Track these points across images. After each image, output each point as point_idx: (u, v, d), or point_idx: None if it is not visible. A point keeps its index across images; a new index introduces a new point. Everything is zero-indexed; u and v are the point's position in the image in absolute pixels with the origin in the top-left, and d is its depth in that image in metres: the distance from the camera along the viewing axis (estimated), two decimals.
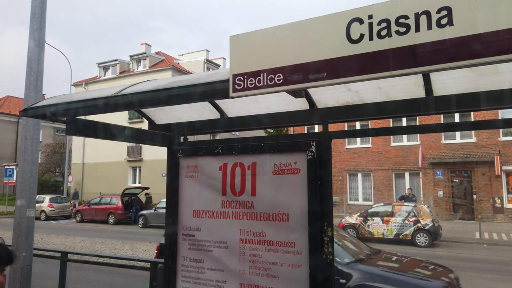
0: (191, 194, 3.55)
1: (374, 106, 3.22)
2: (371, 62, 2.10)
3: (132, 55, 37.31)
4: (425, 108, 3.06)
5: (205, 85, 2.71)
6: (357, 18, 2.16)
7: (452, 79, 2.93)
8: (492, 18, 1.85)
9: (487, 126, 5.13)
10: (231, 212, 3.30)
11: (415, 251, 13.31)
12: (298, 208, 3.00)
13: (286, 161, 3.10)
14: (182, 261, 3.50)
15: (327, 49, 2.24)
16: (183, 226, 3.55)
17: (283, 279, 3.01)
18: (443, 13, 1.95)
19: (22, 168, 5.38)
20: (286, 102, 3.50)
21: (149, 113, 4.19)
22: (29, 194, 5.38)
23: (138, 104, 3.28)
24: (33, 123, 5.38)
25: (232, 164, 3.35)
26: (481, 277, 9.36)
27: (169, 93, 2.83)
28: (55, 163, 41.65)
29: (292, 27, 2.38)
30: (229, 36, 2.57)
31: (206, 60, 39.67)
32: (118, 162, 33.95)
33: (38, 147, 5.59)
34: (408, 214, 14.86)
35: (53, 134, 47.34)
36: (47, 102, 3.53)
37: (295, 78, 2.31)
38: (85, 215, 25.71)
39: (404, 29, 2.03)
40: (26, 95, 5.42)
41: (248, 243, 3.19)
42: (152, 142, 4.22)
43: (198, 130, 4.09)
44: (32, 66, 5.44)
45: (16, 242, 5.29)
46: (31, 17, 5.53)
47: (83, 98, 3.31)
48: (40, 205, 26.39)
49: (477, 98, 2.90)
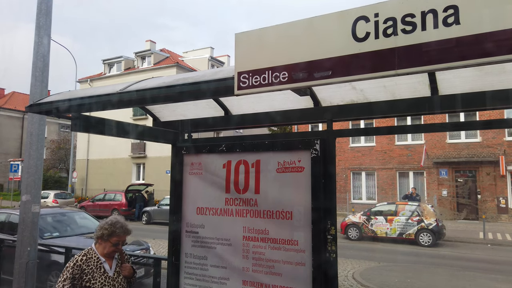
0: (195, 191, 3.56)
1: (379, 105, 3.21)
2: (376, 61, 2.10)
3: (137, 52, 37.35)
4: (431, 107, 3.05)
5: (210, 83, 2.72)
6: (363, 16, 2.15)
7: (458, 78, 2.92)
8: (499, 16, 1.83)
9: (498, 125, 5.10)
10: (235, 210, 3.31)
11: (419, 251, 13.29)
12: (302, 206, 3.01)
13: (290, 159, 3.10)
14: (185, 258, 3.52)
15: (333, 47, 2.23)
16: (186, 223, 3.56)
17: (286, 276, 3.01)
18: (449, 11, 1.93)
19: (27, 163, 5.41)
20: (290, 100, 3.50)
21: (154, 110, 4.20)
22: (34, 189, 5.41)
23: (143, 101, 3.29)
24: (38, 119, 5.41)
25: (236, 161, 3.35)
26: (485, 277, 9.32)
27: (174, 90, 2.84)
28: (60, 159, 41.87)
29: (298, 25, 2.38)
30: (235, 34, 2.57)
31: (211, 57, 39.66)
32: (122, 159, 34.07)
33: (43, 143, 5.62)
34: (412, 214, 14.81)
35: (58, 130, 47.55)
36: (52, 98, 3.55)
37: (300, 76, 2.31)
38: (89, 211, 25.77)
39: (410, 28, 2.02)
40: (32, 91, 5.44)
41: (252, 240, 3.19)
42: (156, 139, 4.24)
43: (203, 128, 4.10)
44: (38, 63, 5.47)
45: (21, 237, 5.32)
46: (37, 13, 5.55)
47: (88, 94, 3.33)
48: (45, 200, 26.52)
49: (483, 98, 2.88)
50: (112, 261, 3.01)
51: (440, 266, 10.68)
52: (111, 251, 2.98)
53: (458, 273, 9.73)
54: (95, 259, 2.92)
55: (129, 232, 3.05)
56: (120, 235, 2.97)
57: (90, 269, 2.86)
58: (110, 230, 2.94)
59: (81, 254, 2.93)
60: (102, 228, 2.96)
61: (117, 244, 2.97)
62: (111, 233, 2.94)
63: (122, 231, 2.98)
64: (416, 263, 11.16)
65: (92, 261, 2.90)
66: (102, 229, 2.96)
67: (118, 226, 2.97)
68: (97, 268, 2.89)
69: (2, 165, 40.97)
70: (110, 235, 2.93)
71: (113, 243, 2.96)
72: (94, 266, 2.88)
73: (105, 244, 2.95)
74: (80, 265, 2.84)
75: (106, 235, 2.94)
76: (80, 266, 2.83)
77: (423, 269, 10.15)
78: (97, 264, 2.90)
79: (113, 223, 2.97)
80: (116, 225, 2.97)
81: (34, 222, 5.40)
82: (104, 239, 2.95)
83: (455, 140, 22.99)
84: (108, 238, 2.94)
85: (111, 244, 2.95)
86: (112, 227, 2.95)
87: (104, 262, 2.94)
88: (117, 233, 2.95)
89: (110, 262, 2.98)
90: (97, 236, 2.99)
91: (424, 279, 9.05)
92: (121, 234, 2.98)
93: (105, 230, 2.95)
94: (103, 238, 2.95)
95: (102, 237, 2.95)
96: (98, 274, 2.87)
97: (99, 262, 2.92)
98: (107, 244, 2.95)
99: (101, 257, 2.94)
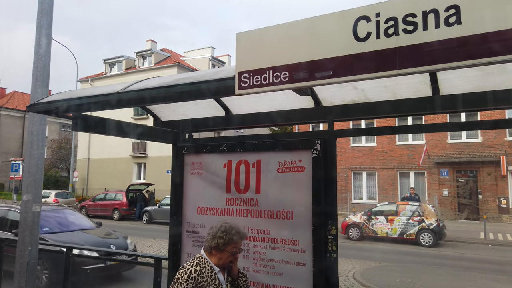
0: (195, 191, 3.56)
1: (380, 105, 3.20)
2: (377, 61, 2.09)
3: (138, 52, 37.38)
4: (432, 107, 3.04)
5: (211, 82, 2.72)
6: (364, 16, 2.14)
7: (459, 78, 2.91)
8: (500, 16, 1.83)
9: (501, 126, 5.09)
10: (235, 210, 3.31)
11: (419, 251, 13.27)
12: (303, 206, 3.00)
13: (291, 159, 3.09)
14: (186, 258, 3.52)
15: (333, 47, 2.23)
16: (187, 222, 3.56)
17: (286, 276, 3.01)
18: (451, 11, 1.93)
19: (28, 163, 5.41)
20: (291, 100, 3.50)
21: (154, 110, 4.20)
22: (35, 189, 5.41)
23: (144, 100, 3.29)
24: (39, 118, 5.41)
25: (236, 161, 3.35)
26: (486, 278, 9.30)
27: (175, 90, 2.84)
28: (61, 158, 41.92)
29: (298, 25, 2.37)
30: (235, 34, 2.57)
31: (212, 57, 39.65)
32: (123, 158, 34.10)
33: (44, 142, 5.62)
34: (413, 214, 14.80)
35: (59, 129, 47.60)
36: (53, 98, 3.55)
37: (301, 76, 2.31)
38: (90, 210, 25.86)
39: (411, 28, 2.02)
40: (32, 91, 5.44)
41: (252, 240, 3.19)
42: (157, 138, 4.24)
43: (203, 127, 4.10)
44: (39, 62, 5.47)
45: (22, 236, 5.33)
46: (38, 13, 5.56)
47: (89, 94, 3.33)
48: (46, 200, 26.56)
49: (484, 98, 2.88)
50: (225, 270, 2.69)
51: (441, 266, 10.67)
52: (229, 262, 2.63)
53: (459, 273, 9.72)
54: (209, 269, 2.59)
55: (245, 236, 2.70)
56: (238, 242, 2.61)
57: (205, 281, 2.55)
58: (227, 238, 2.58)
59: (193, 264, 2.59)
60: (216, 237, 2.60)
61: (235, 253, 2.62)
62: (228, 241, 2.58)
63: (239, 237, 2.61)
64: (416, 263, 11.14)
65: (206, 272, 2.57)
66: (215, 238, 2.60)
67: (234, 233, 2.60)
68: (211, 280, 2.57)
69: (3, 164, 41.02)
70: (227, 244, 2.58)
71: (231, 252, 2.59)
72: (209, 278, 2.57)
73: (221, 255, 2.60)
74: (195, 277, 2.52)
75: (221, 245, 2.58)
76: (195, 278, 2.52)
77: (424, 269, 10.14)
78: (211, 275, 2.58)
79: (227, 229, 2.60)
80: (231, 231, 2.60)
81: (35, 222, 5.40)
82: (219, 249, 2.59)
83: (456, 140, 22.97)
84: (224, 247, 2.58)
85: (228, 254, 2.59)
86: (228, 234, 2.59)
87: (218, 272, 2.62)
88: (234, 241, 2.59)
89: (223, 271, 2.66)
90: (210, 246, 2.62)
91: (425, 279, 9.04)
92: (239, 240, 2.61)
93: (219, 239, 2.58)
94: (218, 248, 2.59)
95: (217, 247, 2.59)
96: (213, 286, 2.57)
97: (213, 272, 2.59)
98: (223, 254, 2.59)
99: (215, 266, 2.62)
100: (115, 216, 24.46)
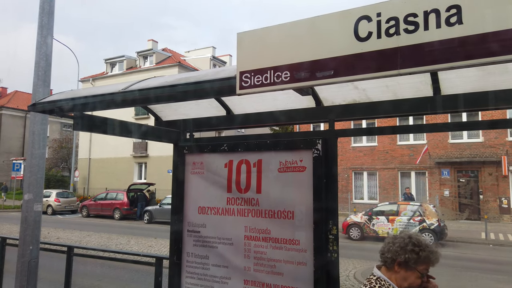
0: (196, 191, 3.56)
1: (381, 105, 3.20)
2: (379, 61, 2.09)
3: (139, 52, 37.42)
4: (433, 107, 3.04)
5: (212, 82, 2.72)
6: (366, 16, 2.14)
7: (460, 78, 2.91)
8: (502, 16, 1.83)
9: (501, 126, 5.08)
10: (236, 209, 3.31)
11: None
12: (303, 206, 3.00)
13: (291, 159, 3.10)
14: (187, 257, 3.52)
15: (335, 47, 2.23)
16: (188, 222, 3.57)
17: (287, 276, 3.01)
18: (452, 11, 1.93)
19: (30, 162, 5.42)
20: (292, 100, 3.50)
21: (155, 110, 4.21)
22: (36, 188, 5.42)
23: (145, 100, 3.29)
24: (40, 118, 5.42)
25: (237, 161, 3.35)
26: (487, 278, 9.30)
27: (176, 89, 2.84)
28: (62, 158, 42.00)
29: (300, 25, 2.37)
30: (237, 33, 2.57)
31: (213, 57, 39.70)
32: (124, 158, 34.15)
33: (46, 142, 5.63)
34: (414, 214, 14.80)
35: (61, 129, 47.68)
36: (55, 97, 3.55)
37: (302, 75, 2.31)
38: (91, 210, 25.91)
39: (412, 28, 2.02)
40: (34, 90, 5.45)
41: (253, 240, 3.19)
42: (158, 138, 4.24)
43: (205, 127, 4.10)
44: (41, 62, 5.48)
45: (23, 236, 5.34)
46: (39, 12, 5.56)
47: (90, 93, 3.33)
48: (47, 199, 26.63)
49: (485, 98, 2.87)
50: None
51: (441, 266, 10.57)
52: (416, 285, 2.08)
53: (460, 273, 9.71)
54: None
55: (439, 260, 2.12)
56: (434, 263, 2.09)
57: None
58: (423, 255, 2.04)
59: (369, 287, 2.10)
60: (406, 250, 2.05)
61: (423, 276, 2.08)
62: (424, 259, 2.04)
63: (436, 258, 2.08)
64: None
65: None
66: (405, 252, 2.05)
67: (431, 250, 2.07)
68: None
69: (5, 164, 41.10)
70: (421, 262, 2.04)
71: (421, 272, 2.07)
72: None
73: (408, 274, 2.06)
74: None
75: (413, 261, 2.04)
76: None
77: None
78: None
79: (421, 243, 2.06)
80: (429, 248, 2.07)
81: (36, 221, 5.41)
82: (408, 267, 2.06)
83: (457, 140, 22.95)
84: (415, 265, 2.05)
85: (417, 275, 2.06)
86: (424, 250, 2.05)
87: None
88: (431, 260, 2.07)
89: None
90: (393, 259, 2.09)
91: None
92: (435, 262, 2.09)
93: (412, 254, 2.04)
94: (408, 264, 2.05)
95: (406, 263, 2.05)
96: None
97: None
98: (412, 274, 2.06)
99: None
100: (116, 216, 24.50)
